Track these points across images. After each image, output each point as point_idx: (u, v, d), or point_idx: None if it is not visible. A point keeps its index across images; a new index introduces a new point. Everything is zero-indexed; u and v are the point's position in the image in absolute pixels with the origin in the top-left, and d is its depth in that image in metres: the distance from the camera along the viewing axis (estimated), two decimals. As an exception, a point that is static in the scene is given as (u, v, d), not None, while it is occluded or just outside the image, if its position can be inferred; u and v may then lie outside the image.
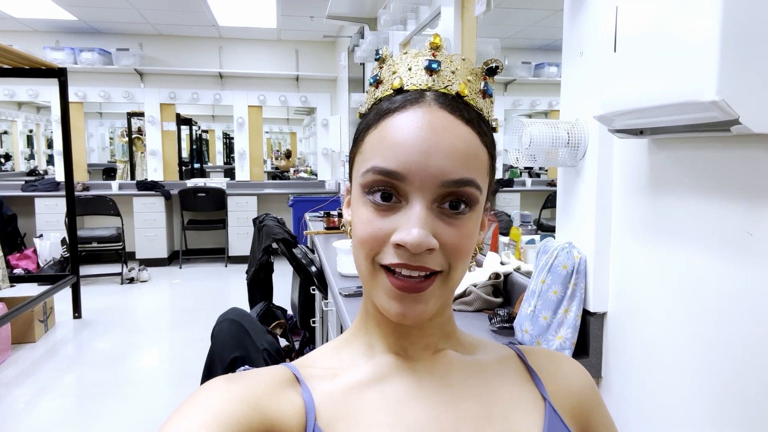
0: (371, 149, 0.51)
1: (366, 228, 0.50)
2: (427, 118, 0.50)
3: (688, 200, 1.05)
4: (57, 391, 3.16)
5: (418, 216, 0.48)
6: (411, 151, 0.48)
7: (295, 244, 3.00)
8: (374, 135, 0.51)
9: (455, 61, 0.54)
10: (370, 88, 0.57)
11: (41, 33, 6.45)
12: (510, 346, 0.65)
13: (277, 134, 9.73)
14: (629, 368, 1.25)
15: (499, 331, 1.48)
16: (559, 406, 0.59)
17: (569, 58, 1.40)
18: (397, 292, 0.50)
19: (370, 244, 0.50)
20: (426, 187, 0.48)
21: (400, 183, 0.49)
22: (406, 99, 0.51)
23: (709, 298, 1.00)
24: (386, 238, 0.49)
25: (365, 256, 0.51)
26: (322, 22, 5.50)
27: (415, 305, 0.50)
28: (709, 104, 0.81)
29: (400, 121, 0.50)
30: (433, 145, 0.48)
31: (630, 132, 1.11)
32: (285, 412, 0.49)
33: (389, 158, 0.49)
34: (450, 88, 0.52)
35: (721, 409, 0.98)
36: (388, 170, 0.49)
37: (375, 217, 0.50)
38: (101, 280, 5.68)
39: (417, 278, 0.49)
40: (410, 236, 0.47)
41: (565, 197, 1.43)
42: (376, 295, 0.52)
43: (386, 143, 0.50)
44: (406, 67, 0.54)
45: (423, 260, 0.49)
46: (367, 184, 0.50)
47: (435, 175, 0.48)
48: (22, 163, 7.76)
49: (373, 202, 0.50)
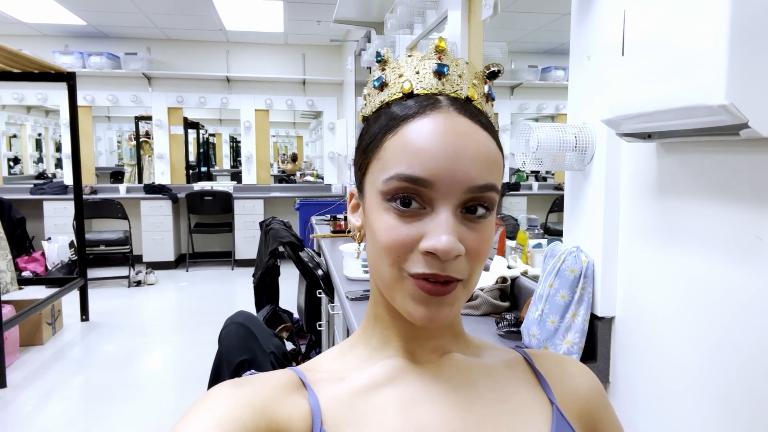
0: (393, 156, 0.50)
1: (390, 234, 0.50)
2: (449, 123, 0.50)
3: (696, 204, 1.05)
4: (64, 393, 3.17)
5: (447, 222, 0.48)
6: (438, 158, 0.48)
7: (301, 248, 3.00)
8: (395, 141, 0.50)
9: (461, 65, 0.54)
10: (374, 90, 0.56)
11: (50, 37, 6.51)
12: (517, 349, 0.65)
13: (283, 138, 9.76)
14: (637, 373, 1.24)
15: (506, 335, 1.47)
16: (566, 409, 0.59)
17: (576, 61, 1.40)
18: (424, 295, 0.49)
19: (396, 251, 0.50)
20: (452, 193, 0.48)
21: (426, 189, 0.49)
22: (422, 104, 0.51)
23: (718, 303, 0.99)
24: (413, 244, 0.49)
25: (391, 263, 0.50)
26: (328, 26, 5.52)
27: (441, 308, 0.50)
28: (717, 108, 0.81)
29: (423, 127, 0.49)
30: (459, 152, 0.49)
31: (638, 136, 1.11)
32: (291, 417, 0.49)
33: (415, 165, 0.48)
34: (459, 92, 0.52)
35: (729, 414, 0.97)
36: (414, 177, 0.48)
37: (399, 224, 0.50)
38: (109, 283, 5.71)
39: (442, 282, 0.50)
40: (441, 243, 0.47)
41: (572, 201, 1.42)
42: (400, 300, 0.52)
43: (410, 149, 0.49)
44: (413, 71, 0.53)
45: (450, 268, 0.49)
46: (390, 191, 0.50)
47: (462, 181, 0.48)
48: (30, 166, 7.82)
49: (396, 209, 0.50)
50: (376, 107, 0.55)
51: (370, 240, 0.53)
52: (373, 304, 0.59)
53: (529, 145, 1.31)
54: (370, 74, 0.58)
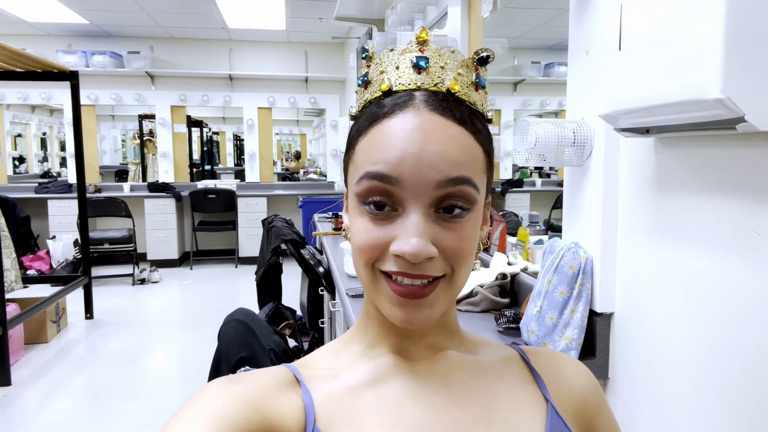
0: (363, 156, 0.50)
1: (363, 236, 0.50)
2: (417, 121, 0.48)
3: (694, 199, 1.04)
4: (69, 390, 3.19)
5: (416, 225, 0.47)
6: (403, 155, 0.47)
7: (303, 245, 3.00)
8: (365, 142, 0.51)
9: (444, 55, 0.52)
10: (359, 89, 0.55)
11: (54, 37, 6.53)
12: (513, 346, 0.64)
13: (287, 136, 9.76)
14: (636, 369, 1.23)
15: (506, 331, 1.47)
16: (561, 407, 0.59)
17: (575, 57, 1.39)
18: (399, 298, 0.49)
19: (368, 252, 0.50)
20: (421, 191, 0.48)
21: (395, 188, 0.48)
22: (395, 103, 0.50)
23: (717, 298, 0.99)
24: (384, 246, 0.49)
25: (365, 264, 0.51)
26: (330, 23, 5.51)
27: (420, 310, 0.50)
28: (714, 102, 0.81)
29: (390, 127, 0.49)
30: (425, 148, 0.47)
31: (636, 131, 1.10)
32: (284, 414, 0.49)
33: (381, 163, 0.48)
34: (440, 85, 0.51)
35: (729, 410, 0.97)
36: (381, 174, 0.48)
37: (372, 226, 0.49)
38: (113, 281, 5.73)
39: (419, 285, 0.49)
40: (408, 246, 0.47)
41: (571, 197, 1.42)
42: (379, 301, 0.52)
43: (377, 149, 0.49)
44: (393, 66, 0.52)
45: (423, 268, 0.48)
46: (362, 192, 0.50)
47: (429, 177, 0.47)
48: (35, 165, 7.85)
49: (369, 212, 0.50)
50: (360, 106, 0.54)
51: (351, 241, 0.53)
52: (366, 301, 0.59)
53: (528, 140, 1.31)
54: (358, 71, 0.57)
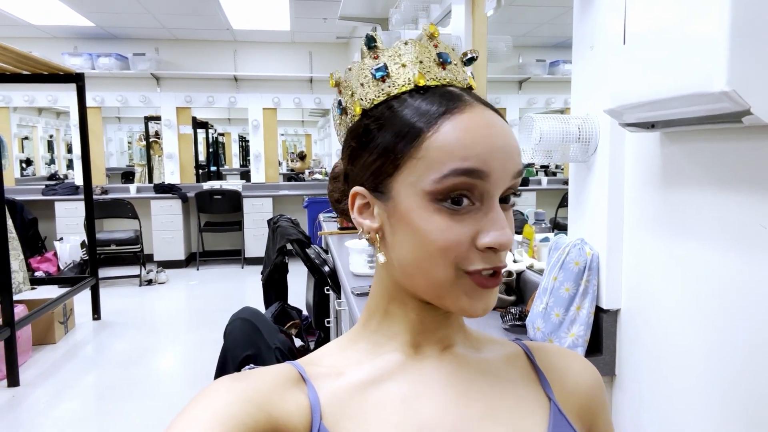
0: (442, 153, 0.48)
1: (446, 236, 0.48)
2: (487, 117, 0.51)
3: (700, 194, 1.03)
4: (77, 391, 3.21)
5: (501, 215, 0.50)
6: (492, 150, 0.49)
7: (308, 245, 3.01)
8: (439, 138, 0.48)
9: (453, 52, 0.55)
10: (373, 80, 0.53)
11: (59, 39, 6.56)
12: (517, 342, 0.64)
13: (292, 136, 9.79)
14: (643, 366, 1.23)
15: (511, 329, 1.47)
16: (565, 405, 0.58)
17: (580, 52, 1.38)
18: (480, 290, 0.50)
19: (454, 251, 0.49)
20: (503, 182, 0.50)
21: (481, 182, 0.48)
22: (449, 98, 0.50)
23: (724, 293, 0.98)
24: (469, 242, 0.49)
25: (448, 264, 0.49)
26: (334, 23, 5.51)
27: (492, 297, 0.52)
28: (719, 95, 0.80)
29: (465, 122, 0.49)
30: (506, 143, 0.50)
31: (641, 125, 1.09)
32: (290, 412, 0.49)
33: (471, 159, 0.48)
34: (463, 81, 0.54)
35: (735, 407, 0.96)
36: (472, 169, 0.48)
37: (453, 224, 0.49)
38: (120, 282, 5.76)
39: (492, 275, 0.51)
40: (505, 237, 0.49)
41: (576, 193, 1.41)
42: (452, 298, 0.51)
43: (462, 144, 0.48)
44: (415, 60, 0.52)
45: (501, 260, 0.51)
46: (444, 189, 0.48)
47: (510, 169, 0.50)
48: (43, 167, 7.91)
49: (448, 208, 0.48)
50: (378, 100, 0.52)
51: (412, 243, 0.50)
52: (385, 300, 0.57)
53: (532, 137, 1.30)
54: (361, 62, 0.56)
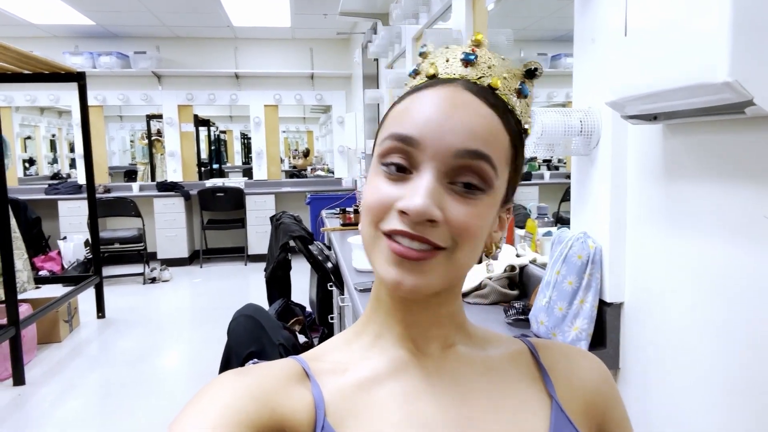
0: (392, 120, 0.53)
1: (374, 194, 0.51)
2: (450, 94, 0.51)
3: (704, 186, 1.03)
4: (82, 389, 3.22)
5: (426, 185, 0.48)
6: (429, 119, 0.49)
7: (311, 241, 3.01)
8: (397, 108, 0.53)
9: (494, 59, 0.55)
10: (409, 79, 0.58)
11: (60, 38, 6.56)
12: (522, 339, 0.63)
13: (294, 133, 9.77)
14: (647, 359, 1.22)
15: (515, 323, 1.46)
16: (569, 404, 0.58)
17: (581, 45, 1.38)
18: (395, 258, 0.49)
19: (375, 211, 0.50)
20: (439, 155, 0.49)
21: (415, 150, 0.49)
22: (433, 82, 0.53)
23: (727, 285, 0.98)
24: (392, 204, 0.49)
25: (369, 222, 0.51)
26: (335, 19, 5.50)
27: (412, 274, 0.49)
28: (721, 86, 0.79)
29: (424, 96, 0.52)
30: (451, 116, 0.49)
31: (643, 118, 1.09)
32: (294, 407, 0.49)
33: (407, 125, 0.50)
34: (482, 79, 0.53)
35: (741, 398, 0.96)
36: (403, 135, 0.50)
37: (385, 185, 0.50)
38: (124, 280, 5.77)
39: (417, 248, 0.49)
40: (413, 203, 0.47)
41: (579, 187, 1.41)
42: (376, 261, 0.51)
43: (406, 113, 0.51)
44: (444, 59, 0.55)
45: (424, 231, 0.48)
46: (383, 152, 0.51)
47: (449, 143, 0.48)
48: (46, 167, 7.91)
49: (386, 171, 0.51)
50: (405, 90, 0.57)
51: (362, 202, 0.55)
52: (376, 286, 0.58)
53: (534, 130, 1.30)
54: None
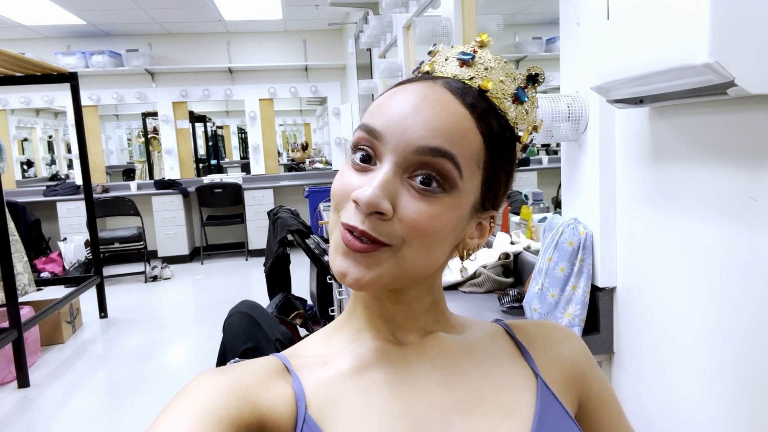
0: (369, 111, 0.52)
1: (338, 182, 0.52)
2: (423, 91, 0.50)
3: (691, 168, 1.02)
4: (87, 389, 3.24)
5: (381, 178, 0.48)
6: (393, 113, 0.49)
7: (308, 235, 3.01)
8: (377, 100, 0.53)
9: (493, 61, 0.54)
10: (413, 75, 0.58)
11: (52, 39, 6.53)
12: (497, 322, 0.64)
13: (291, 126, 9.74)
14: (641, 342, 1.23)
15: (509, 311, 1.47)
16: (551, 378, 0.58)
17: (567, 29, 1.37)
18: (343, 247, 0.49)
19: (336, 197, 0.51)
20: (399, 149, 0.48)
21: (378, 142, 0.49)
22: (419, 77, 0.53)
23: (717, 266, 0.98)
24: (350, 193, 0.49)
25: (333, 209, 0.52)
26: (327, 10, 5.46)
27: (357, 266, 0.49)
28: (702, 67, 0.79)
29: (401, 90, 0.52)
30: (416, 112, 0.49)
31: (629, 102, 1.08)
32: (275, 402, 0.49)
33: (375, 117, 0.50)
34: (474, 80, 0.52)
35: (734, 378, 0.96)
36: (369, 127, 0.50)
37: (349, 173, 0.51)
38: (125, 279, 5.79)
39: (363, 242, 0.49)
40: (364, 194, 0.47)
41: (568, 172, 1.40)
42: (331, 248, 0.52)
43: (381, 106, 0.51)
44: (444, 57, 0.55)
45: (372, 226, 0.48)
46: (353, 141, 0.52)
47: (410, 138, 0.48)
48: (44, 168, 7.91)
49: (353, 161, 0.51)
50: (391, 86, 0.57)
51: None
52: None
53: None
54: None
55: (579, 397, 0.61)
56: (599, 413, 0.62)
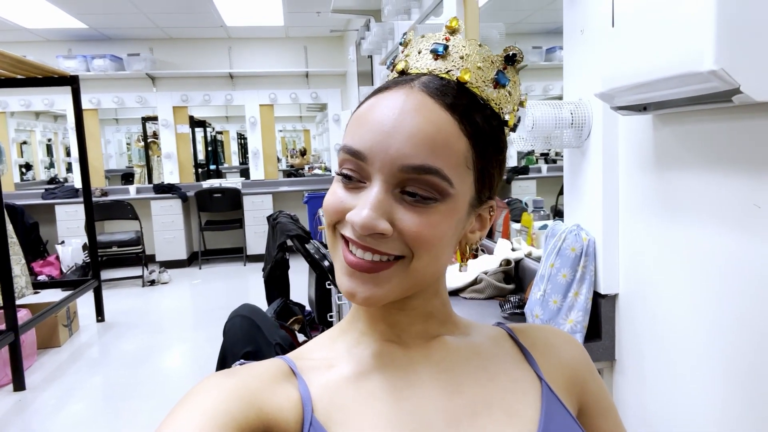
0: (350, 127, 0.51)
1: (330, 198, 0.51)
2: (401, 100, 0.49)
3: (694, 175, 1.03)
4: (83, 393, 3.22)
5: (372, 198, 0.47)
6: (374, 132, 0.48)
7: (308, 240, 3.00)
8: (358, 111, 0.52)
9: (468, 47, 0.52)
10: (388, 71, 0.56)
11: (54, 42, 6.54)
12: (500, 325, 0.64)
13: (290, 132, 9.75)
14: (643, 349, 1.22)
15: (511, 317, 1.46)
16: (554, 382, 0.58)
17: (570, 37, 1.37)
18: (348, 268, 0.49)
19: (330, 215, 0.51)
20: (385, 169, 0.48)
21: (363, 163, 0.49)
22: (395, 81, 0.51)
23: (720, 274, 0.98)
24: (345, 211, 0.50)
25: (328, 224, 0.52)
26: (328, 17, 5.48)
27: (365, 286, 0.49)
28: (708, 74, 0.79)
29: (380, 101, 0.50)
30: (396, 127, 0.47)
31: (633, 108, 1.08)
32: (281, 406, 0.49)
33: (356, 138, 0.49)
34: (451, 73, 0.51)
35: (737, 386, 0.96)
36: (352, 150, 0.49)
37: (339, 191, 0.51)
38: (123, 283, 5.76)
39: (369, 260, 0.49)
40: (358, 217, 0.47)
41: (571, 179, 1.40)
42: (335, 268, 0.52)
43: (357, 123, 0.50)
44: (416, 50, 0.54)
45: (374, 243, 0.48)
46: (340, 162, 0.51)
47: (394, 158, 0.47)
48: (42, 171, 7.90)
49: (341, 181, 0.51)
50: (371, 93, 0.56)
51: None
52: None
53: (525, 123, 1.30)
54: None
55: (578, 402, 0.61)
56: (597, 420, 0.62)
